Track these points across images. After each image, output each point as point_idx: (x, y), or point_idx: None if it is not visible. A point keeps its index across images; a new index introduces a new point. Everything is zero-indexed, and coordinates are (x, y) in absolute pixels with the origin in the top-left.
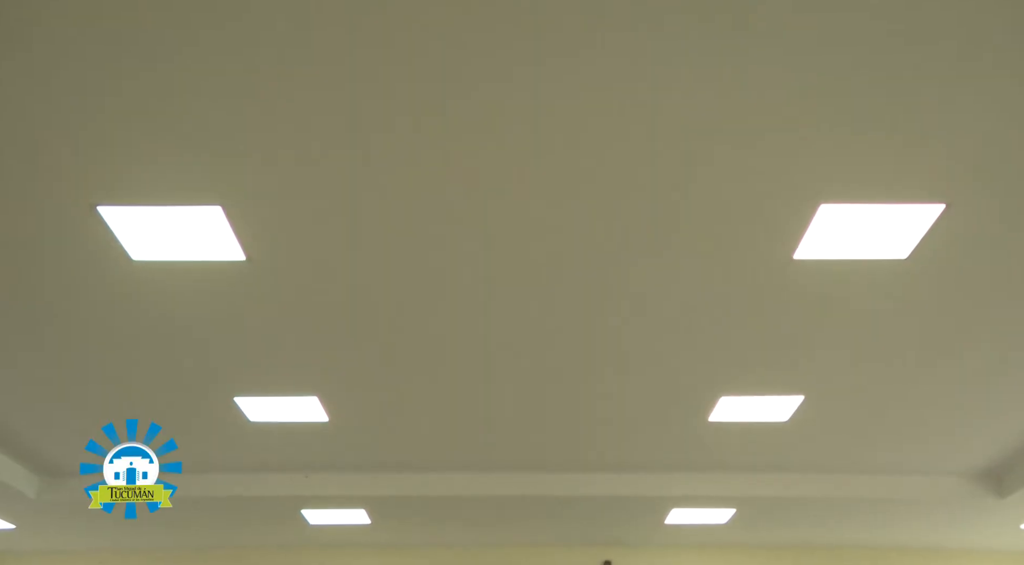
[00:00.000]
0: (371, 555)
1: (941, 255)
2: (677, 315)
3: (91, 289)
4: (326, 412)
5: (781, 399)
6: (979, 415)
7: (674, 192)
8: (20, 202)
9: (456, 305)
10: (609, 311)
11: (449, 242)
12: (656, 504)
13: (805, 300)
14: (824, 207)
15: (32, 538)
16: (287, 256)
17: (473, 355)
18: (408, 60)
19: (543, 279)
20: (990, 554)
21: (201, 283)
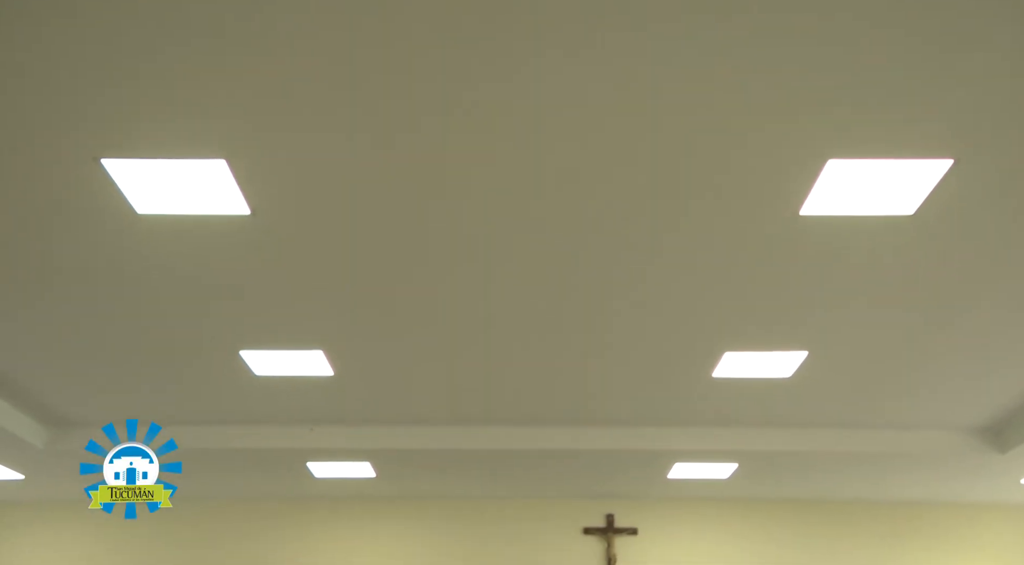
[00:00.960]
0: (376, 507)
1: (948, 211)
2: (682, 270)
3: (97, 243)
4: (331, 366)
5: (785, 355)
6: (981, 371)
7: (680, 150)
8: (23, 155)
9: (460, 259)
10: (614, 265)
11: (454, 194)
12: (659, 458)
13: (811, 256)
14: (832, 162)
15: (41, 488)
16: (292, 210)
17: (477, 309)
18: (411, 17)
19: (547, 235)
20: (990, 508)
21: (206, 237)
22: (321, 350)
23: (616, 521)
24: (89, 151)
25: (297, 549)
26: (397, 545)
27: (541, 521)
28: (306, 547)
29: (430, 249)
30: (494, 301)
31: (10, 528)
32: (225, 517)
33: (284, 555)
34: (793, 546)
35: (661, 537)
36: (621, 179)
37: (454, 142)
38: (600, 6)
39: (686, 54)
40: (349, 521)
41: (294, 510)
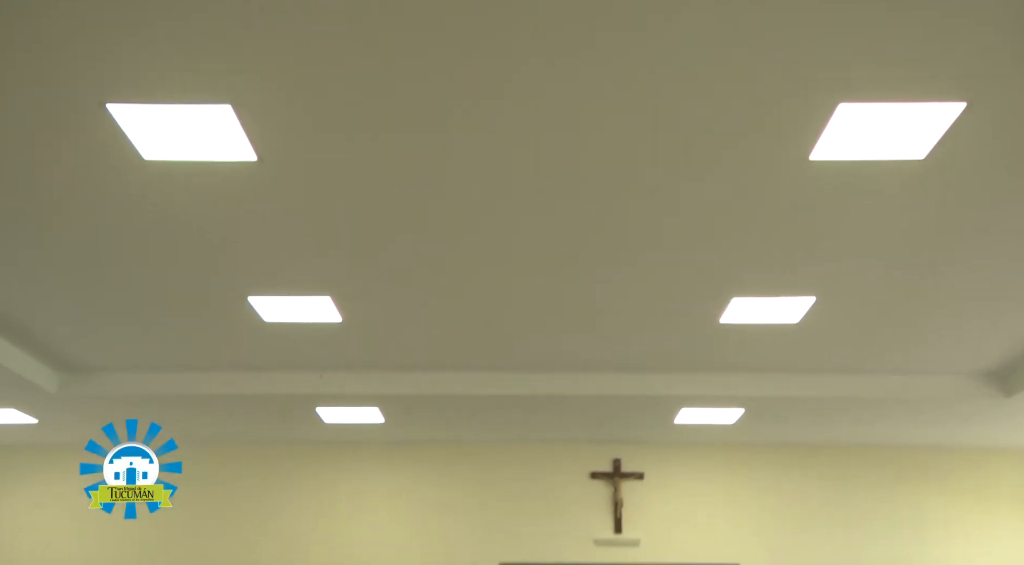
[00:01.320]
0: (385, 452)
1: (959, 156)
2: (691, 215)
3: (103, 189)
4: (339, 312)
5: (792, 300)
6: (989, 316)
7: (689, 93)
8: (30, 100)
9: (468, 205)
10: (621, 211)
11: (462, 139)
12: (665, 404)
13: (820, 201)
14: (842, 106)
15: (55, 432)
16: (299, 156)
17: (485, 255)
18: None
19: (555, 179)
20: (995, 452)
21: (213, 183)
22: (329, 296)
23: (623, 466)
24: (95, 96)
25: (307, 493)
26: (406, 489)
27: (548, 466)
28: (316, 491)
29: (438, 194)
30: (502, 247)
31: (25, 471)
32: (236, 461)
33: (294, 499)
34: (799, 491)
35: (667, 481)
36: (627, 121)
37: (461, 86)
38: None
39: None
40: (358, 466)
41: (304, 455)
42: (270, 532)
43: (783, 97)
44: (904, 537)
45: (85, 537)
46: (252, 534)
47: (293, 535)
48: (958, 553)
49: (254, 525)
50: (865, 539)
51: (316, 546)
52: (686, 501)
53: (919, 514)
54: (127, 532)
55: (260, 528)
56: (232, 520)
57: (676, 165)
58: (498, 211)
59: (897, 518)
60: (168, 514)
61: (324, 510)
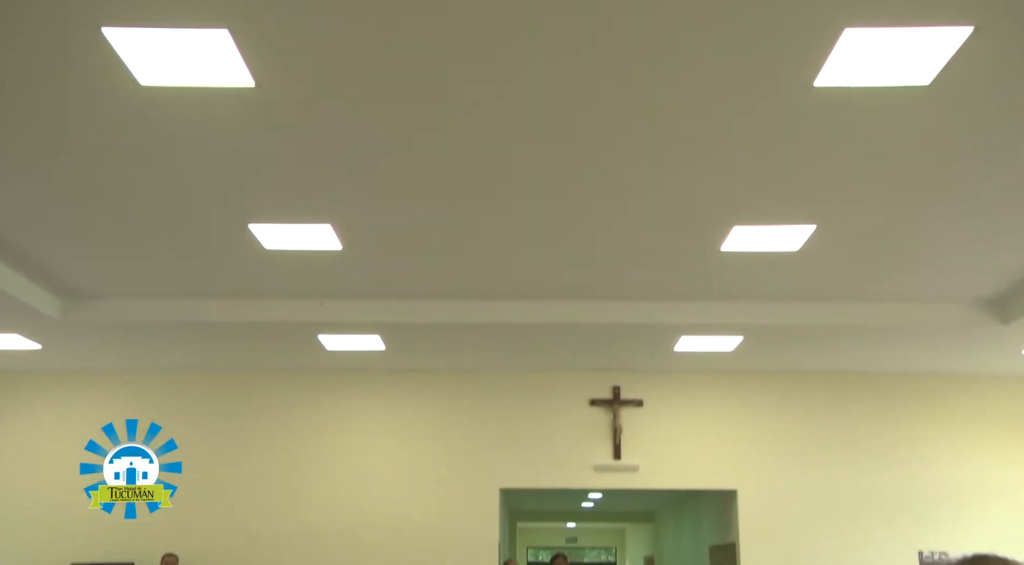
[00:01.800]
0: (386, 379)
1: (964, 81)
2: (692, 142)
3: (101, 114)
4: (339, 240)
5: (793, 228)
6: (989, 244)
7: (693, 16)
8: (26, 23)
9: (468, 131)
10: (624, 138)
11: (463, 67)
12: (665, 331)
13: (823, 128)
14: (848, 31)
15: (58, 358)
16: (296, 82)
17: (486, 182)
18: None
19: (558, 105)
20: (992, 379)
21: (211, 109)
22: (329, 224)
23: (622, 393)
24: (91, 19)
25: (310, 419)
26: (407, 416)
27: (548, 393)
28: (318, 417)
29: (439, 121)
30: (503, 175)
31: (30, 396)
32: (239, 387)
33: (297, 424)
34: (796, 417)
35: (666, 408)
36: (628, 48)
37: (465, 12)
38: None
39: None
40: (360, 392)
41: (307, 381)
42: (272, 458)
43: (788, 22)
44: (899, 462)
45: (81, 458)
46: (254, 460)
47: (295, 461)
48: (952, 477)
49: (256, 451)
50: (860, 464)
51: (318, 472)
52: (684, 428)
53: (914, 439)
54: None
55: (262, 454)
56: (234, 446)
57: (679, 91)
58: (498, 139)
59: (892, 444)
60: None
61: (326, 437)
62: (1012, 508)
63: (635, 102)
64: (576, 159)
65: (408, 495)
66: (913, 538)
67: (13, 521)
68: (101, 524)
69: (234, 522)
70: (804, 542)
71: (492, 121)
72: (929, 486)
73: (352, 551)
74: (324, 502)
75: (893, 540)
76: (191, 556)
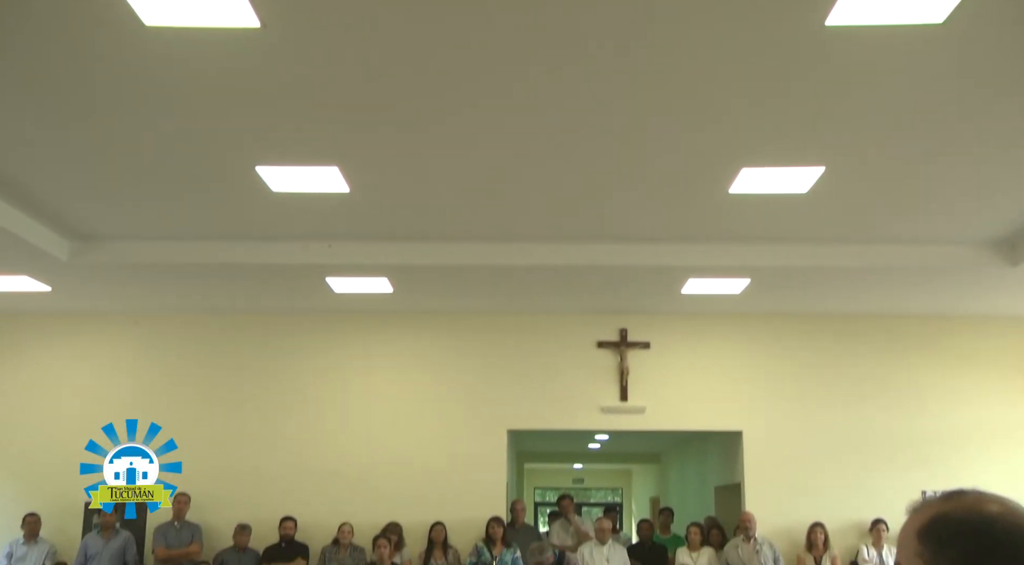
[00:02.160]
0: (394, 321)
1: (979, 19)
2: (703, 83)
3: (106, 54)
4: (347, 182)
5: (802, 170)
6: (998, 184)
7: None
8: None
9: (477, 72)
10: (634, 79)
11: (473, 5)
12: (673, 274)
13: (834, 68)
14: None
15: (68, 300)
16: (303, 22)
17: (494, 124)
18: None
19: (567, 45)
20: (998, 320)
21: (216, 50)
22: (336, 166)
23: (629, 335)
24: None
25: (318, 361)
26: (415, 357)
27: (556, 335)
28: (327, 359)
29: (446, 62)
30: (510, 116)
31: (40, 337)
32: (248, 330)
33: (306, 366)
34: (802, 359)
35: (673, 350)
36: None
37: None
38: None
39: None
40: (368, 335)
41: (315, 324)
42: (281, 399)
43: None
44: (903, 403)
45: (97, 401)
46: (263, 401)
47: (304, 402)
48: (955, 418)
49: (265, 393)
50: (865, 405)
51: (326, 413)
52: (691, 369)
53: (919, 380)
54: (138, 397)
55: (271, 395)
56: (243, 388)
57: (688, 29)
58: (507, 79)
59: (897, 385)
60: (176, 381)
61: (334, 379)
62: (1014, 448)
63: (646, 42)
64: (585, 101)
65: (416, 437)
66: (916, 478)
67: (26, 462)
68: None
69: (243, 462)
70: (808, 482)
71: (501, 62)
72: (932, 427)
73: (361, 491)
74: (332, 443)
75: (896, 480)
76: (201, 496)
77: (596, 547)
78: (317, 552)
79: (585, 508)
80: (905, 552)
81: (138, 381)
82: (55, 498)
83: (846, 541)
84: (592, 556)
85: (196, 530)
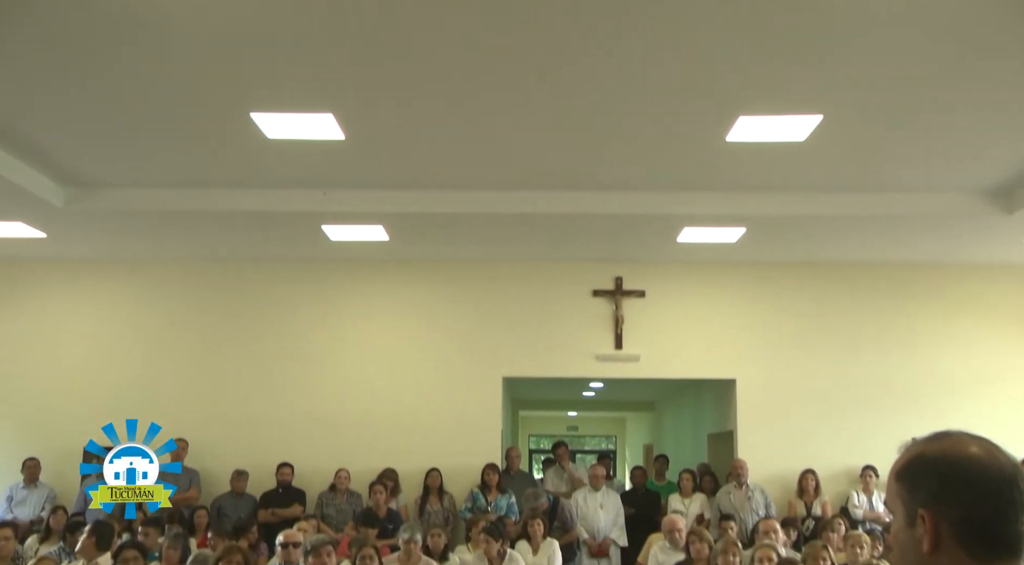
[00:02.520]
0: (391, 269)
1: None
2: (698, 29)
3: (100, 1)
4: (342, 130)
5: (799, 118)
6: (995, 132)
7: None
8: None
9: (473, 20)
10: (631, 26)
11: None
12: (669, 222)
13: (831, 13)
14: None
15: (64, 247)
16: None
17: (490, 69)
18: None
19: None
20: (992, 269)
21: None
22: (331, 113)
23: (625, 284)
24: None
25: (314, 308)
26: (411, 306)
27: (552, 283)
28: (323, 307)
29: (440, 8)
30: (505, 62)
31: (34, 284)
32: (245, 277)
33: (302, 314)
34: (797, 308)
35: (668, 299)
36: None
37: None
38: None
39: None
40: (364, 283)
41: (311, 272)
42: (277, 347)
43: None
44: (896, 350)
45: (93, 346)
46: (260, 349)
47: (300, 350)
48: (949, 365)
49: (261, 340)
50: (858, 353)
51: (323, 361)
52: (685, 318)
53: (912, 328)
54: (133, 343)
55: (267, 343)
56: (240, 335)
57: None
58: (501, 22)
59: (891, 332)
60: (173, 329)
61: (330, 326)
62: (1008, 396)
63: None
64: (582, 46)
65: (412, 384)
66: (908, 425)
67: (24, 406)
68: (111, 409)
69: (241, 409)
70: (800, 430)
71: (496, 10)
72: (925, 374)
73: (357, 438)
74: (329, 390)
75: (888, 427)
76: (199, 442)
77: (590, 493)
78: (314, 498)
79: (579, 455)
80: (889, 492)
81: (136, 328)
82: (55, 443)
83: (837, 487)
84: (586, 502)
85: (194, 476)
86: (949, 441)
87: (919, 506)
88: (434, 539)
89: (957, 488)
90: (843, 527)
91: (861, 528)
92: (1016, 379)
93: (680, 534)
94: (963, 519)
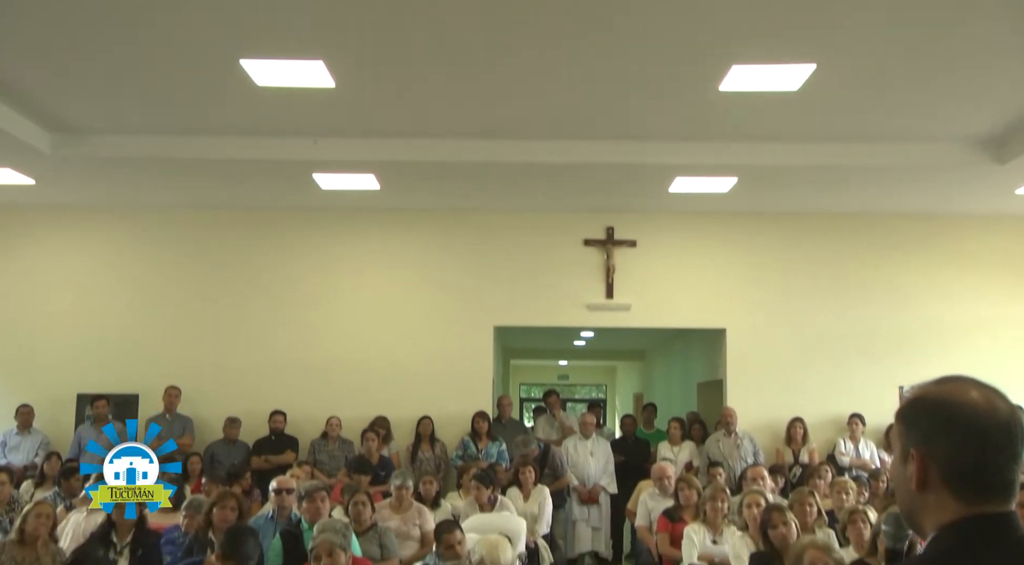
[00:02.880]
0: (382, 218)
1: None
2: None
3: None
4: (332, 77)
5: (793, 67)
6: (987, 82)
7: None
8: None
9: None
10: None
11: None
12: (661, 172)
13: None
14: None
15: (52, 193)
16: None
17: (482, 17)
18: None
19: None
20: (983, 219)
21: None
22: (321, 60)
23: (616, 233)
24: None
25: (306, 257)
26: (402, 255)
27: (543, 232)
28: (314, 256)
29: None
30: (497, 9)
31: (24, 230)
32: (235, 226)
33: (293, 263)
34: (787, 258)
35: (659, 249)
36: None
37: None
38: None
39: None
40: (356, 231)
41: (303, 221)
42: (269, 295)
43: None
44: (885, 300)
45: (85, 293)
46: (251, 297)
47: (291, 299)
48: (937, 315)
49: (252, 289)
50: (848, 303)
51: (314, 309)
52: (676, 268)
53: (901, 278)
54: (123, 290)
55: (258, 292)
56: (231, 284)
57: None
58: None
59: (879, 282)
60: (166, 276)
61: (321, 275)
62: (994, 345)
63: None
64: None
65: (403, 333)
66: (895, 374)
67: (16, 353)
68: (104, 356)
69: (233, 357)
70: (789, 378)
71: None
72: (914, 323)
73: (349, 386)
74: (321, 338)
75: (876, 376)
76: (192, 390)
77: (580, 441)
78: (306, 445)
79: (570, 404)
80: (894, 432)
81: (128, 275)
82: (48, 389)
83: (824, 435)
84: (576, 450)
85: (187, 423)
86: (951, 385)
87: (911, 445)
88: (426, 486)
89: (946, 430)
90: (829, 474)
91: (847, 475)
92: (1003, 328)
93: (669, 481)
94: (949, 460)
